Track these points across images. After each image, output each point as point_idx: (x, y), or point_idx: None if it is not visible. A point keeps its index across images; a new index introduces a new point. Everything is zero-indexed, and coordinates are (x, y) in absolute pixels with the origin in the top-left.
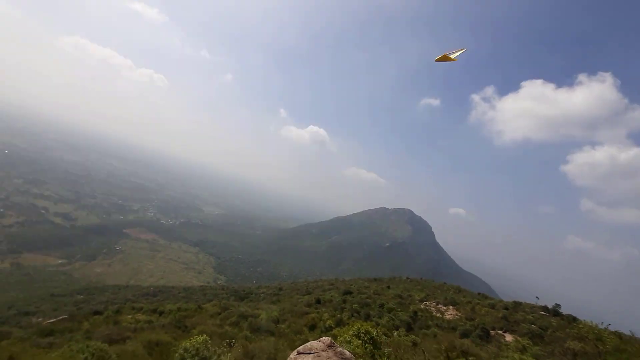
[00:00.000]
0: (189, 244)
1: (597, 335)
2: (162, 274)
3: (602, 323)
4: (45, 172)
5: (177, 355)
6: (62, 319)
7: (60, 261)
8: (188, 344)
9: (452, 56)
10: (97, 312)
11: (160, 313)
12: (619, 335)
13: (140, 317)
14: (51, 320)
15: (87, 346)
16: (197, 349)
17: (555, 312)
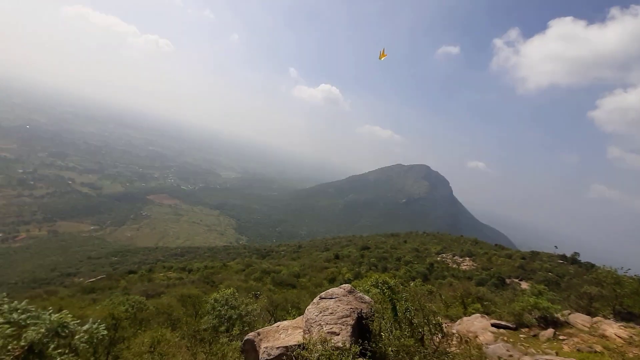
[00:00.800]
0: (210, 207)
1: (615, 280)
2: (187, 236)
3: (622, 268)
4: (67, 145)
5: (208, 305)
6: (101, 278)
7: (92, 227)
8: (217, 295)
9: (381, 57)
10: (131, 272)
11: (189, 271)
12: (639, 279)
13: (171, 274)
14: (91, 280)
15: (127, 299)
16: (227, 300)
17: (573, 260)
